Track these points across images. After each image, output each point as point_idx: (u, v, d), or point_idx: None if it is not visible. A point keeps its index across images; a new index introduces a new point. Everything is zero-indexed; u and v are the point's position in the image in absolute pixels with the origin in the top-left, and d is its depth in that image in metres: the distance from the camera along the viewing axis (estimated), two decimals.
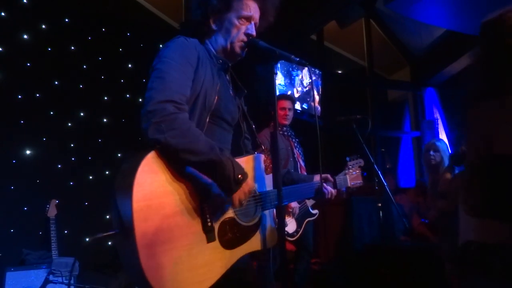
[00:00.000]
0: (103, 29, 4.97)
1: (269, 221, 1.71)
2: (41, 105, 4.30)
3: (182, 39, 1.59)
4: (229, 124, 1.71)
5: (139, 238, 1.25)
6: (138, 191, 1.27)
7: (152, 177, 1.32)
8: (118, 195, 1.32)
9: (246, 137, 1.84)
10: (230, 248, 1.51)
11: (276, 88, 1.59)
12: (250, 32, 1.68)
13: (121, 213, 1.29)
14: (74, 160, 4.46)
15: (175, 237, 1.34)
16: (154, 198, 1.31)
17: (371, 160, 3.22)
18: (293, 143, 3.79)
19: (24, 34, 4.31)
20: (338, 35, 7.39)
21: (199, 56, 1.58)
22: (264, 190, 1.68)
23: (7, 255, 3.76)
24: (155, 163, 1.34)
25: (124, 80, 5.02)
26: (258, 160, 1.70)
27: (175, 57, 1.51)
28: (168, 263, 1.30)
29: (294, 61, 1.58)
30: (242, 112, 1.82)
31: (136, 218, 1.25)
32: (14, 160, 4.07)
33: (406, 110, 8.26)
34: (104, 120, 4.81)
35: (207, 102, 1.56)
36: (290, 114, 3.74)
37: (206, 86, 1.57)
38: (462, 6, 5.41)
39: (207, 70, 1.60)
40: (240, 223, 1.57)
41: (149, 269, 1.25)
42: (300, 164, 3.75)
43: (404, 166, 8.02)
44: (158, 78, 1.45)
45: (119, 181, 1.33)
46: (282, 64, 5.93)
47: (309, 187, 1.98)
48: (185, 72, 1.50)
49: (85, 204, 4.40)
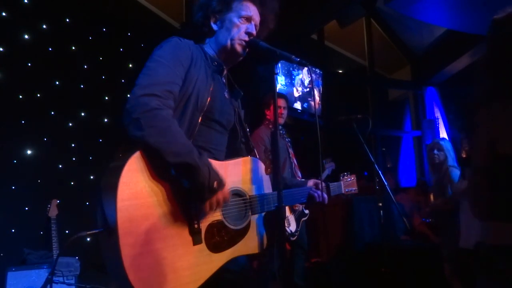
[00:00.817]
0: (103, 29, 4.97)
1: (259, 225, 1.66)
2: (41, 105, 4.30)
3: (175, 39, 1.59)
4: (223, 127, 1.69)
5: (122, 237, 1.23)
6: (123, 190, 1.25)
7: (137, 176, 1.30)
8: (104, 193, 1.30)
9: (241, 141, 1.83)
10: (217, 251, 1.47)
11: (277, 88, 1.59)
12: (251, 31, 1.68)
13: (105, 211, 1.28)
14: (75, 160, 4.46)
15: (160, 238, 1.31)
16: (140, 197, 1.29)
17: (371, 159, 3.22)
18: (287, 142, 3.80)
19: (25, 34, 4.31)
20: (338, 35, 7.39)
21: (192, 56, 1.58)
22: (254, 194, 1.65)
23: (8, 254, 3.76)
24: (141, 162, 1.32)
25: (124, 80, 5.02)
26: (249, 163, 1.68)
27: (165, 56, 1.50)
28: (152, 264, 1.28)
29: (294, 61, 1.57)
30: (238, 116, 1.80)
31: (120, 217, 1.23)
32: (15, 160, 4.07)
33: (406, 109, 8.26)
34: (105, 120, 4.81)
35: (199, 103, 1.55)
36: (285, 112, 3.75)
37: (198, 86, 1.55)
38: (463, 5, 5.40)
39: (201, 70, 1.59)
40: (229, 226, 1.53)
41: (132, 269, 1.23)
42: (294, 163, 3.76)
43: (405, 166, 8.02)
44: (144, 75, 1.44)
45: (105, 180, 1.31)
46: (282, 63, 5.93)
47: (302, 192, 1.95)
48: (174, 70, 1.49)
49: (86, 204, 4.41)
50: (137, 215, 1.27)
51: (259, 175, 1.70)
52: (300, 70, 6.26)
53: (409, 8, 5.75)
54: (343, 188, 2.31)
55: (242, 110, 1.86)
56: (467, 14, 5.47)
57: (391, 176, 7.01)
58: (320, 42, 7.09)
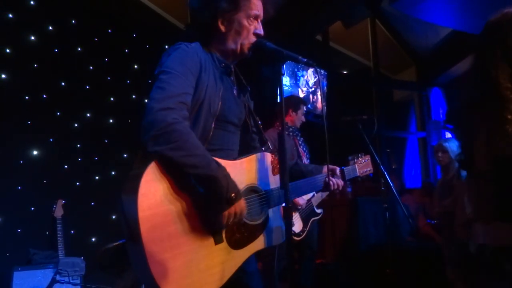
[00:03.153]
0: (109, 30, 5.00)
1: (276, 218, 1.71)
2: (47, 106, 4.33)
3: (183, 46, 1.57)
4: (235, 126, 1.71)
5: (147, 245, 1.27)
6: (143, 201, 1.29)
7: (155, 186, 1.34)
8: (125, 205, 1.34)
9: (253, 132, 1.85)
10: (238, 248, 1.52)
11: (283, 89, 1.59)
12: (259, 32, 1.68)
13: (128, 222, 1.32)
14: (80, 161, 4.48)
15: (183, 242, 1.36)
16: (160, 206, 1.33)
17: (377, 160, 3.21)
18: (297, 141, 3.80)
19: (31, 35, 4.34)
20: (343, 35, 7.38)
21: (201, 62, 1.57)
22: (269, 188, 1.69)
23: (14, 254, 3.78)
24: (158, 172, 1.36)
25: (130, 80, 5.04)
26: (262, 158, 1.70)
27: (175, 66, 1.50)
28: (178, 268, 1.33)
29: (301, 61, 1.57)
30: (248, 109, 1.82)
31: (143, 227, 1.28)
32: (21, 161, 4.09)
33: (411, 110, 8.23)
34: (110, 120, 4.83)
35: (212, 109, 1.56)
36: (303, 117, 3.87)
37: (209, 92, 1.56)
38: (468, 5, 5.38)
39: (210, 75, 1.59)
40: (247, 222, 1.58)
41: (160, 275, 1.28)
42: (304, 162, 3.75)
43: (410, 167, 7.99)
44: (157, 88, 1.45)
45: (125, 192, 1.35)
46: (287, 64, 5.92)
47: (317, 180, 1.96)
48: (185, 80, 1.49)
49: (91, 204, 4.43)
50: (158, 223, 1.32)
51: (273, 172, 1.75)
52: (305, 71, 6.26)
53: (414, 8, 5.73)
54: (358, 171, 2.22)
55: (251, 101, 1.86)
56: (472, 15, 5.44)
57: (396, 177, 6.99)
58: (324, 43, 7.08)
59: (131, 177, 1.36)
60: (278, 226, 1.71)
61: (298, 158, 3.68)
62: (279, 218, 1.72)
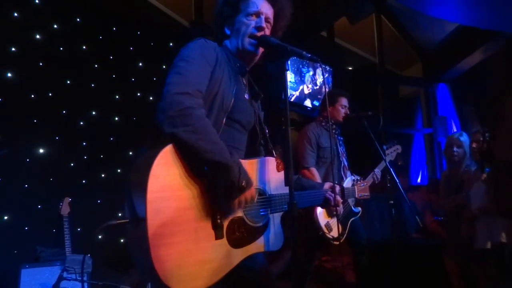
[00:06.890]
0: (114, 28, 5.00)
1: (276, 224, 1.71)
2: (53, 104, 4.34)
3: (202, 40, 1.64)
4: (243, 127, 1.73)
5: (151, 227, 1.27)
6: (153, 182, 1.29)
7: (167, 170, 1.34)
8: (134, 185, 1.34)
9: (260, 143, 1.86)
10: (237, 247, 1.52)
11: (287, 85, 1.59)
12: (260, 25, 1.70)
13: (134, 203, 1.32)
14: (86, 159, 4.50)
15: (185, 230, 1.36)
16: (168, 190, 1.33)
17: (383, 157, 3.19)
18: (338, 141, 3.71)
19: (37, 34, 4.35)
20: (348, 31, 7.34)
21: (217, 57, 1.62)
22: (272, 194, 1.69)
23: (22, 252, 3.81)
24: (171, 157, 1.36)
25: (134, 78, 5.04)
26: (263, 163, 1.70)
27: (194, 56, 1.55)
28: (177, 255, 1.32)
29: (305, 57, 1.57)
30: (258, 117, 1.83)
31: (149, 208, 1.28)
32: (28, 159, 4.12)
33: (418, 106, 8.17)
34: (115, 118, 4.85)
35: (224, 104, 1.59)
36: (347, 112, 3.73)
37: (223, 87, 1.60)
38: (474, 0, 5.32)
39: (225, 72, 1.63)
40: (248, 224, 1.58)
41: (158, 259, 1.27)
42: (344, 164, 3.68)
43: (416, 163, 7.94)
44: (175, 74, 1.48)
45: (135, 173, 1.36)
46: (292, 61, 5.91)
47: (318, 194, 1.97)
48: (202, 70, 1.54)
49: (97, 202, 4.45)
50: (164, 207, 1.32)
51: (279, 175, 1.74)
52: (310, 67, 6.23)
53: (420, 3, 5.67)
54: (356, 193, 2.62)
55: (262, 112, 1.89)
56: (479, 9, 5.38)
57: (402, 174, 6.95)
58: (330, 39, 7.04)
59: (142, 160, 1.36)
60: (277, 232, 1.70)
61: (337, 159, 3.60)
62: (279, 225, 1.72)
